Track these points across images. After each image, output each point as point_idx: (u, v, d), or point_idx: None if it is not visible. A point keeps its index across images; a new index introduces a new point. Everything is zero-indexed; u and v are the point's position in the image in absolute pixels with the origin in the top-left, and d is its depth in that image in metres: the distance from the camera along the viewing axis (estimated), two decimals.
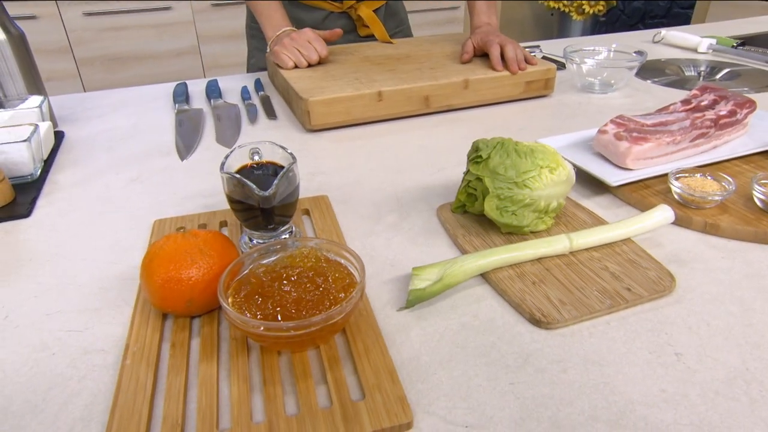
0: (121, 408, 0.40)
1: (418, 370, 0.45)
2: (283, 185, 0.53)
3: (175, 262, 0.46)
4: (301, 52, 1.04)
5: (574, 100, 1.04)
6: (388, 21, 1.32)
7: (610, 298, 0.50)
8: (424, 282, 0.51)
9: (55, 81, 2.60)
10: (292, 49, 1.04)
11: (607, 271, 0.54)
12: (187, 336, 0.47)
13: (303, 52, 1.04)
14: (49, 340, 0.49)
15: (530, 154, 0.59)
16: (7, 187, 0.71)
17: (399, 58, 1.10)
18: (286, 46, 1.05)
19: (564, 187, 0.60)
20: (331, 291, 0.45)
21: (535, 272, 0.54)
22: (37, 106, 0.87)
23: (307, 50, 1.04)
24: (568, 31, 3.47)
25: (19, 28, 0.92)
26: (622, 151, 0.69)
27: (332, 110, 0.91)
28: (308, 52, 1.04)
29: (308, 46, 1.04)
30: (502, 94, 1.01)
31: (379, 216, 0.67)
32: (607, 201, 0.69)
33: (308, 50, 1.04)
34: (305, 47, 1.04)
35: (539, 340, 0.47)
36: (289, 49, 1.04)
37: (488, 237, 0.60)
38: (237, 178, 0.51)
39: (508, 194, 0.57)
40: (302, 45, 1.05)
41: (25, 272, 0.58)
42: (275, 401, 0.41)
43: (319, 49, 1.05)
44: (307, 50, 1.04)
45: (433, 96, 0.96)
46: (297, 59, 1.03)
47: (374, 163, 0.81)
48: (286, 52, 1.04)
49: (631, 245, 0.57)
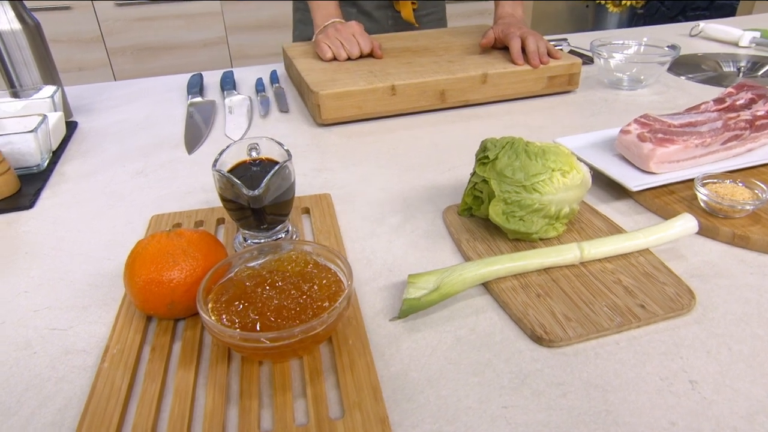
0: (92, 414, 0.39)
1: (404, 387, 0.42)
2: (275, 184, 0.51)
3: (156, 264, 0.45)
4: (343, 45, 1.00)
5: (600, 96, 0.99)
6: (425, 2, 1.28)
7: (620, 316, 0.46)
8: (420, 291, 0.48)
9: (88, 70, 2.65)
10: (334, 40, 1.01)
11: (619, 285, 0.50)
12: (168, 340, 0.46)
13: (345, 45, 1.00)
14: (33, 339, 0.48)
15: (541, 155, 0.55)
16: (12, 178, 0.71)
17: (417, 50, 1.06)
18: (329, 36, 1.02)
19: (578, 192, 0.56)
20: (316, 299, 0.42)
21: (540, 283, 0.50)
22: (49, 97, 0.87)
23: (350, 44, 1.00)
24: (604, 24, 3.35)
25: (35, 18, 0.92)
26: (646, 153, 0.64)
27: (344, 104, 0.88)
28: (350, 45, 1.00)
29: (352, 40, 1.01)
30: (523, 90, 0.96)
31: (382, 217, 0.64)
32: (626, 207, 0.64)
33: (351, 44, 1.00)
34: (348, 40, 1.01)
35: (539, 359, 0.44)
36: (331, 40, 1.01)
37: (494, 243, 0.57)
38: (226, 176, 0.49)
39: (515, 198, 0.54)
40: (346, 38, 1.01)
41: (20, 266, 0.58)
42: (250, 415, 0.39)
43: (362, 44, 1.00)
44: (350, 44, 1.00)
45: (449, 91, 0.92)
46: (337, 51, 1.00)
47: (383, 160, 0.78)
48: (328, 42, 1.01)
49: (649, 257, 0.53)
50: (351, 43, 1.00)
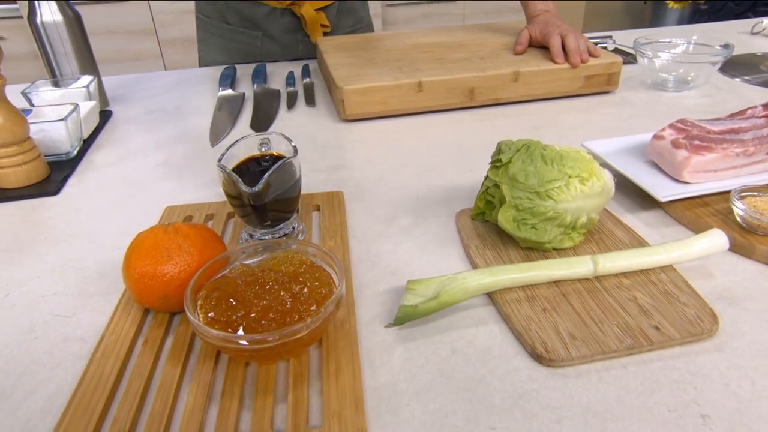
0: (76, 404, 0.39)
1: (390, 398, 0.40)
2: (277, 180, 0.50)
3: (151, 257, 0.45)
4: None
5: (642, 98, 0.93)
6: (343, 19, 1.23)
7: (631, 337, 0.43)
8: (418, 298, 0.46)
9: (141, 61, 2.74)
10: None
11: (634, 303, 0.46)
12: (162, 333, 0.46)
13: None
14: (37, 323, 0.49)
15: (558, 160, 0.51)
16: (42, 165, 0.73)
17: (450, 46, 1.03)
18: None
19: (597, 201, 0.52)
20: (304, 302, 0.41)
21: (548, 297, 0.47)
22: (85, 86, 0.89)
23: None
24: (662, 22, 3.19)
25: (75, 11, 0.94)
26: (679, 161, 0.60)
27: (368, 100, 0.86)
28: None
29: None
30: (557, 89, 0.92)
31: (393, 217, 0.62)
32: (654, 218, 0.60)
33: None
34: None
35: (537, 378, 0.41)
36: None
37: (505, 251, 0.54)
38: (227, 171, 0.49)
39: (527, 205, 0.51)
40: None
41: (37, 251, 0.59)
42: (228, 417, 0.38)
43: None
44: None
45: (478, 88, 0.89)
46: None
47: (402, 159, 0.76)
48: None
49: (672, 274, 0.49)
50: None
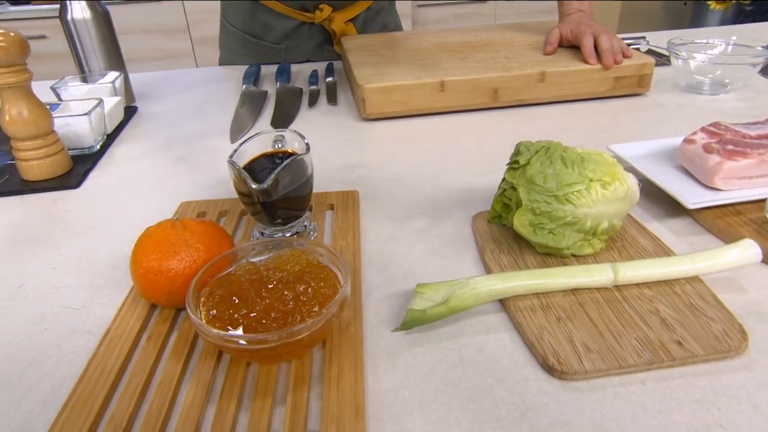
0: (77, 397, 0.39)
1: (392, 406, 0.39)
2: (287, 178, 0.49)
3: (157, 252, 0.44)
4: None
5: (675, 101, 0.89)
6: (369, 28, 1.22)
7: (651, 351, 0.40)
8: (427, 302, 0.45)
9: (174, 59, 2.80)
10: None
11: (656, 316, 0.44)
12: (166, 329, 0.45)
13: None
14: (47, 315, 0.49)
15: (579, 163, 0.49)
16: (65, 158, 0.74)
17: (476, 45, 1.01)
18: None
19: (620, 206, 0.50)
20: (307, 303, 0.40)
21: (564, 306, 0.45)
22: (111, 82, 0.91)
23: None
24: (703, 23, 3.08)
25: (104, 8, 0.96)
26: (711, 167, 0.56)
27: (389, 99, 0.85)
28: None
29: None
30: (585, 90, 0.89)
31: (407, 219, 0.61)
32: (681, 226, 0.57)
33: None
34: None
35: (548, 391, 0.39)
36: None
37: (521, 256, 0.52)
38: (236, 168, 0.48)
39: (545, 209, 0.49)
40: None
41: (54, 242, 0.60)
42: (224, 417, 0.37)
43: None
44: None
45: (503, 89, 0.87)
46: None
47: (421, 159, 0.74)
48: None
49: (698, 286, 0.46)
50: None
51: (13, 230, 0.63)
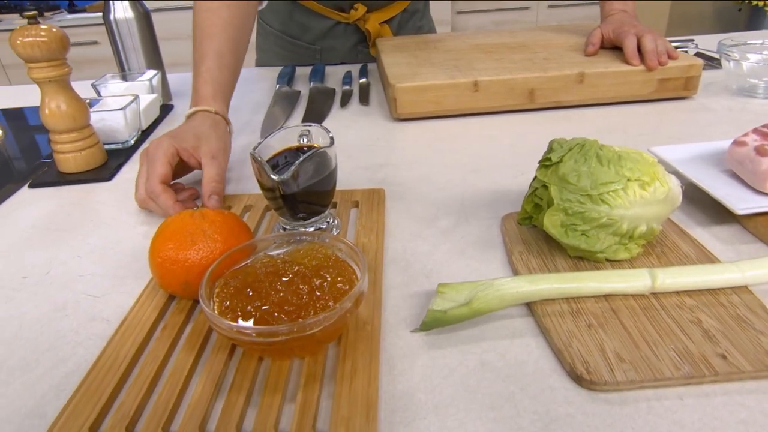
0: (88, 385, 0.39)
1: (406, 409, 0.37)
2: (309, 170, 0.48)
3: (175, 242, 0.44)
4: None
5: (724, 104, 0.84)
6: (404, 30, 1.20)
7: (691, 364, 0.37)
8: (448, 303, 0.43)
9: None
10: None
11: (698, 326, 0.40)
12: (182, 320, 0.45)
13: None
14: (69, 302, 0.50)
15: (616, 161, 0.46)
16: (99, 151, 0.76)
17: (513, 47, 0.98)
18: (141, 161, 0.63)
19: (660, 209, 0.47)
20: (322, 297, 0.39)
21: (596, 312, 0.42)
22: (148, 80, 0.93)
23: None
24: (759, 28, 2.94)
25: (145, 8, 0.98)
26: (763, 170, 0.52)
27: (421, 99, 0.84)
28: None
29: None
30: (627, 93, 0.85)
31: (434, 218, 0.59)
32: (729, 233, 0.53)
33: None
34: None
35: (575, 402, 0.36)
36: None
37: (551, 259, 0.49)
38: (258, 159, 0.47)
39: (578, 209, 0.46)
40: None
41: (83, 232, 0.61)
42: (232, 411, 0.36)
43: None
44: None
45: (539, 90, 0.84)
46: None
47: (451, 160, 0.72)
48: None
49: (746, 296, 0.42)
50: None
51: (46, 219, 0.64)
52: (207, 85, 0.71)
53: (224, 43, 0.74)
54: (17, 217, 0.65)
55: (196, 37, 0.75)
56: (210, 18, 0.75)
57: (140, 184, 0.60)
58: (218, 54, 0.73)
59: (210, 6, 0.75)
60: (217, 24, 0.74)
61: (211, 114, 0.70)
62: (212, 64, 0.72)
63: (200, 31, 0.75)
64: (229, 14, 0.76)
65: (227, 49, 0.74)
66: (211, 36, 0.74)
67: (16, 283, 0.53)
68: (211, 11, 0.75)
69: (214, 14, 0.75)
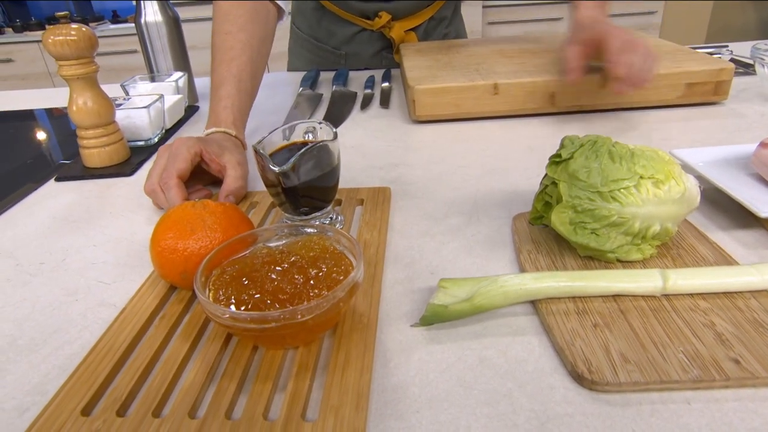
0: (84, 368, 0.39)
1: (398, 402, 0.36)
2: (309, 163, 0.48)
3: (174, 231, 0.44)
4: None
5: (757, 110, 0.81)
6: (430, 38, 1.19)
7: (700, 368, 0.35)
8: (450, 298, 0.42)
9: None
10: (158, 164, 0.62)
11: (710, 330, 0.38)
12: (180, 309, 0.45)
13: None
14: (81, 287, 0.51)
15: (629, 158, 0.45)
16: (123, 148, 0.78)
17: (536, 52, 0.97)
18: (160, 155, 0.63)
19: (675, 208, 0.45)
20: (316, 286, 0.38)
21: (603, 312, 0.41)
22: (174, 81, 0.95)
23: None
24: None
25: (175, 12, 1.01)
26: None
27: (440, 101, 0.83)
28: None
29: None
30: (652, 98, 0.82)
31: (444, 216, 0.58)
32: (753, 238, 0.50)
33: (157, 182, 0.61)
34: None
35: (574, 401, 0.35)
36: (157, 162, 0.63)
37: (560, 259, 0.48)
38: (260, 153, 0.48)
39: (588, 207, 0.44)
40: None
41: (101, 223, 0.62)
42: (222, 398, 0.36)
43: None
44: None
45: (560, 93, 0.82)
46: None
47: (467, 160, 0.71)
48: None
49: (765, 301, 0.40)
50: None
51: (67, 211, 0.66)
52: (227, 111, 0.72)
53: (243, 67, 0.75)
54: (41, 208, 0.67)
55: (215, 59, 0.76)
56: (229, 41, 0.76)
57: (153, 174, 0.61)
58: (237, 79, 0.74)
59: (229, 29, 0.77)
60: (236, 47, 0.75)
61: (231, 137, 0.70)
62: (232, 89, 0.73)
63: (219, 54, 0.76)
64: (247, 37, 0.77)
65: (246, 73, 0.75)
66: (231, 60, 0.75)
67: (34, 269, 0.54)
68: (230, 34, 0.76)
69: (233, 37, 0.76)
